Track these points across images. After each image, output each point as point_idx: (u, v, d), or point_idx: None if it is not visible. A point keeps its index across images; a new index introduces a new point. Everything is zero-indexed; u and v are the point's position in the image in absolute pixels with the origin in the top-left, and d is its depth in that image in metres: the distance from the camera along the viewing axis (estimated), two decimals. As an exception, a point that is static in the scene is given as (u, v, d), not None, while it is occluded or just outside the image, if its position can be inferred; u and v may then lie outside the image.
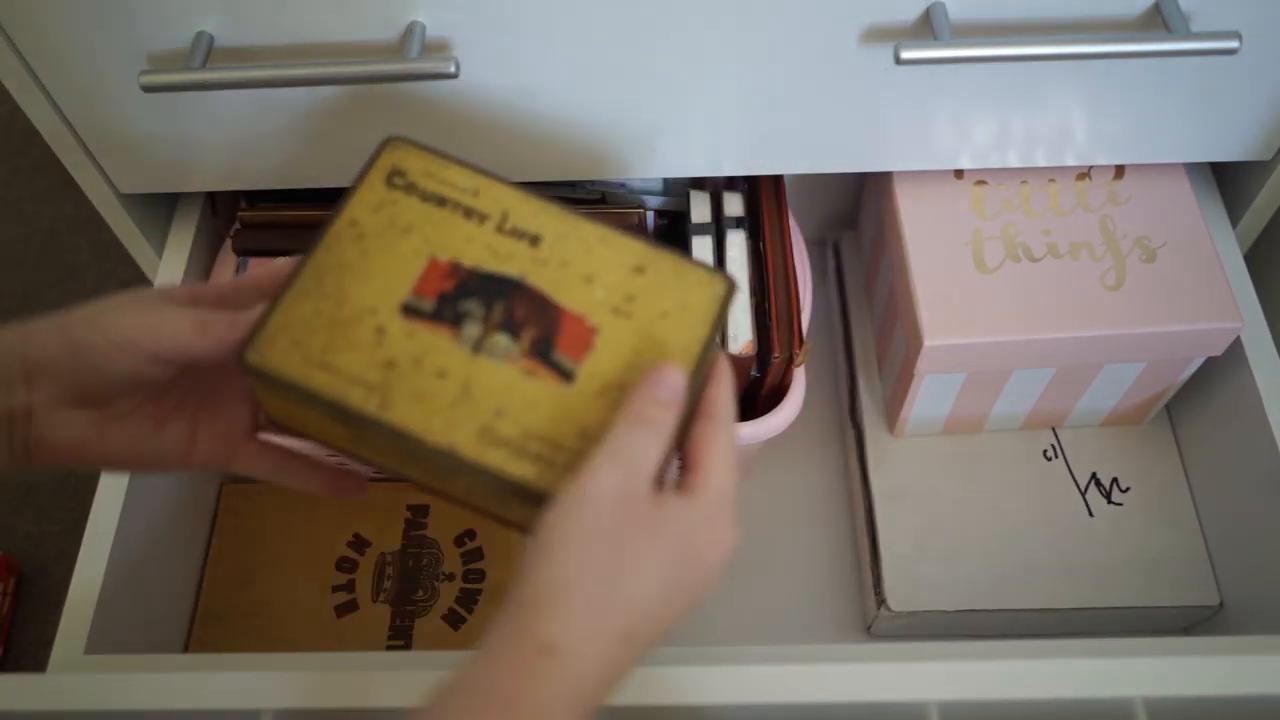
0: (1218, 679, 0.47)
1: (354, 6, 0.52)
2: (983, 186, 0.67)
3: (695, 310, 0.42)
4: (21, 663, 0.87)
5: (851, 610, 0.75)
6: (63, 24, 0.53)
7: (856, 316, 0.80)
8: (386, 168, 0.44)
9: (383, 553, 0.74)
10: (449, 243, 0.42)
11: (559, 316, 0.41)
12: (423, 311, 0.41)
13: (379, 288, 0.41)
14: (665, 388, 0.40)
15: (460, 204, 0.43)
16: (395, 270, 0.42)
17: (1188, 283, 0.63)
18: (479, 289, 0.42)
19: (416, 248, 0.42)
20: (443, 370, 0.40)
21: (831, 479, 0.80)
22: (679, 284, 0.43)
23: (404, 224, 0.43)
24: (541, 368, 0.40)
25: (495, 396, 0.40)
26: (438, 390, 0.40)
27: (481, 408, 0.40)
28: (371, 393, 0.39)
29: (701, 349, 0.42)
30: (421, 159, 0.44)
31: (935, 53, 0.51)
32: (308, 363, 0.40)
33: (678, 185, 0.73)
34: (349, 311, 0.41)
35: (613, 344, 0.41)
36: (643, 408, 0.39)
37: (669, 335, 0.42)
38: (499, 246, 0.42)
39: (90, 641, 0.57)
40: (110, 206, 0.65)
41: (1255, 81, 0.58)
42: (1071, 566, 0.69)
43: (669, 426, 0.39)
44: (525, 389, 0.40)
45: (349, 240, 0.42)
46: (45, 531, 0.93)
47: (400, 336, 0.40)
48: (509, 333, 0.41)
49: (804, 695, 0.47)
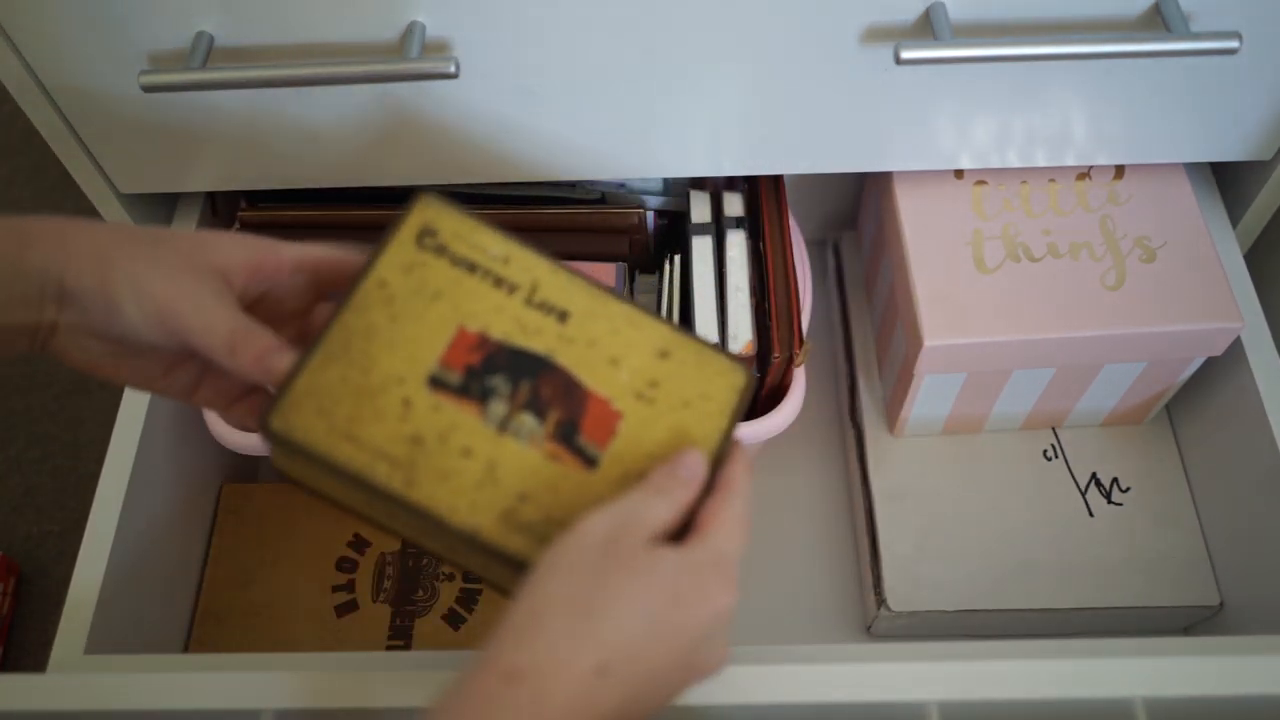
0: (1218, 679, 0.47)
1: (354, 6, 0.52)
2: (983, 186, 0.67)
3: (716, 401, 0.43)
4: (21, 663, 0.87)
5: (851, 610, 0.75)
6: (63, 24, 0.53)
7: (856, 316, 0.80)
8: (417, 226, 0.43)
9: (383, 553, 0.73)
10: (478, 312, 0.42)
11: (585, 399, 0.41)
12: (450, 385, 0.40)
13: (406, 356, 0.40)
14: (685, 467, 0.41)
15: (491, 271, 0.43)
16: (423, 338, 0.41)
17: (1188, 283, 0.63)
18: (506, 365, 0.41)
19: (445, 315, 0.41)
20: (468, 449, 0.40)
21: (831, 479, 0.80)
22: (701, 373, 0.43)
23: (433, 289, 0.42)
24: (566, 452, 0.40)
25: (520, 480, 0.40)
26: (463, 470, 0.39)
27: (506, 491, 0.39)
28: (396, 469, 0.39)
29: (720, 440, 0.42)
30: (453, 220, 0.43)
31: (935, 53, 0.51)
32: (332, 433, 0.39)
33: (678, 185, 0.73)
34: (376, 380, 0.40)
35: (635, 431, 0.41)
36: (659, 479, 0.40)
37: (690, 425, 0.42)
38: (528, 320, 0.42)
39: (90, 641, 0.57)
40: (110, 206, 0.65)
41: (1255, 81, 0.58)
42: (1071, 566, 0.69)
43: (681, 502, 0.40)
44: (549, 473, 0.40)
45: (377, 303, 0.41)
46: (45, 531, 0.93)
47: (426, 410, 0.40)
48: (535, 413, 0.41)
49: (804, 695, 0.47)
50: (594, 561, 0.37)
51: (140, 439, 0.64)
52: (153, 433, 0.66)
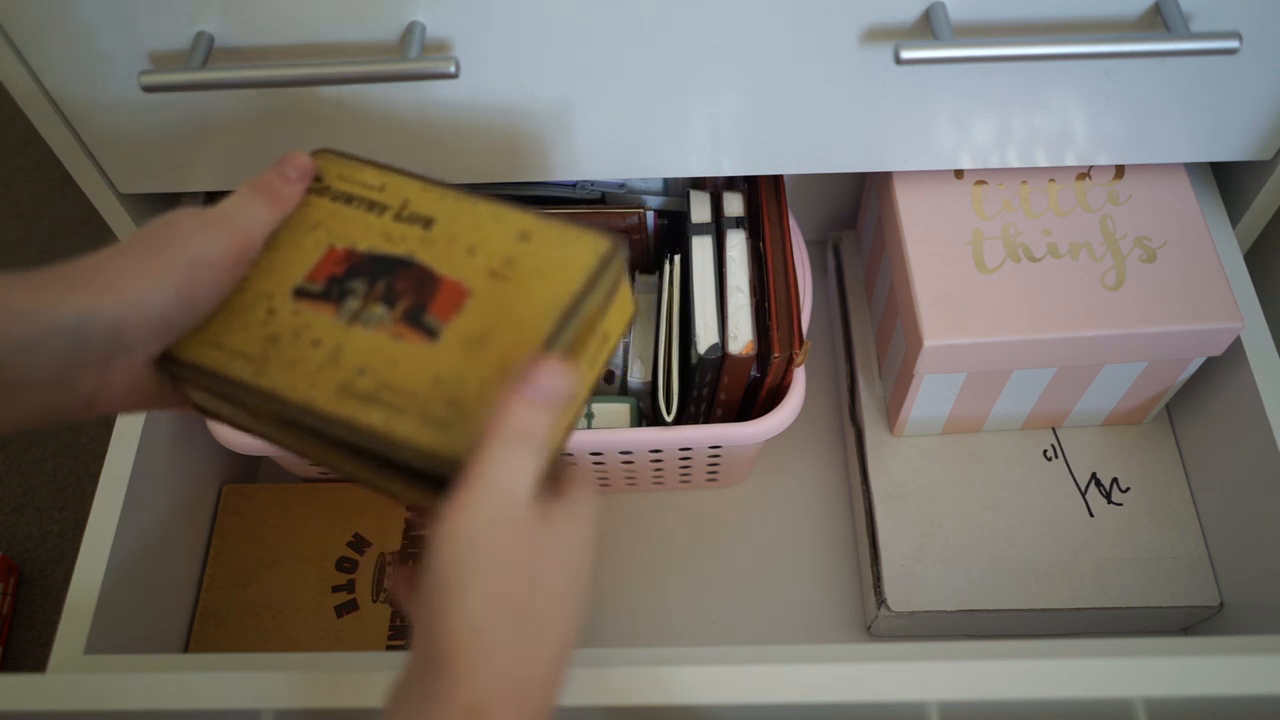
0: (1218, 679, 0.47)
1: (354, 6, 0.52)
2: (983, 186, 0.67)
3: (572, 266, 0.43)
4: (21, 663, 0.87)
5: (851, 610, 0.75)
6: (63, 24, 0.53)
7: (856, 316, 0.80)
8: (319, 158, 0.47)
9: (383, 553, 0.74)
10: (348, 233, 0.45)
11: (438, 285, 0.43)
12: (312, 293, 0.43)
13: (278, 277, 0.44)
14: (536, 389, 0.38)
15: (365, 199, 0.46)
16: (296, 261, 0.44)
17: (1188, 283, 0.63)
18: (366, 270, 0.44)
19: (319, 240, 0.45)
20: (317, 340, 0.42)
21: (831, 479, 0.80)
22: (560, 246, 0.44)
23: (311, 221, 0.45)
24: (410, 330, 0.42)
25: (360, 357, 0.41)
26: (309, 356, 0.42)
27: (345, 368, 0.41)
28: (249, 363, 0.42)
29: (572, 300, 0.42)
30: (339, 164, 0.47)
31: (935, 53, 0.51)
32: (203, 344, 0.42)
33: (678, 185, 0.73)
34: (248, 299, 0.43)
35: (483, 304, 0.42)
36: (512, 418, 0.37)
37: (542, 291, 0.42)
38: (393, 232, 0.45)
39: (90, 641, 0.57)
40: (110, 206, 0.65)
41: (1255, 81, 0.58)
42: (1071, 566, 0.69)
43: (542, 431, 0.37)
44: (390, 349, 0.42)
45: (263, 243, 0.45)
46: (45, 531, 0.93)
47: (287, 315, 0.43)
48: (386, 303, 0.43)
49: (804, 695, 0.47)
50: (511, 559, 0.36)
51: (140, 439, 0.64)
52: (153, 433, 0.66)
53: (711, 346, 0.63)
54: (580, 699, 0.48)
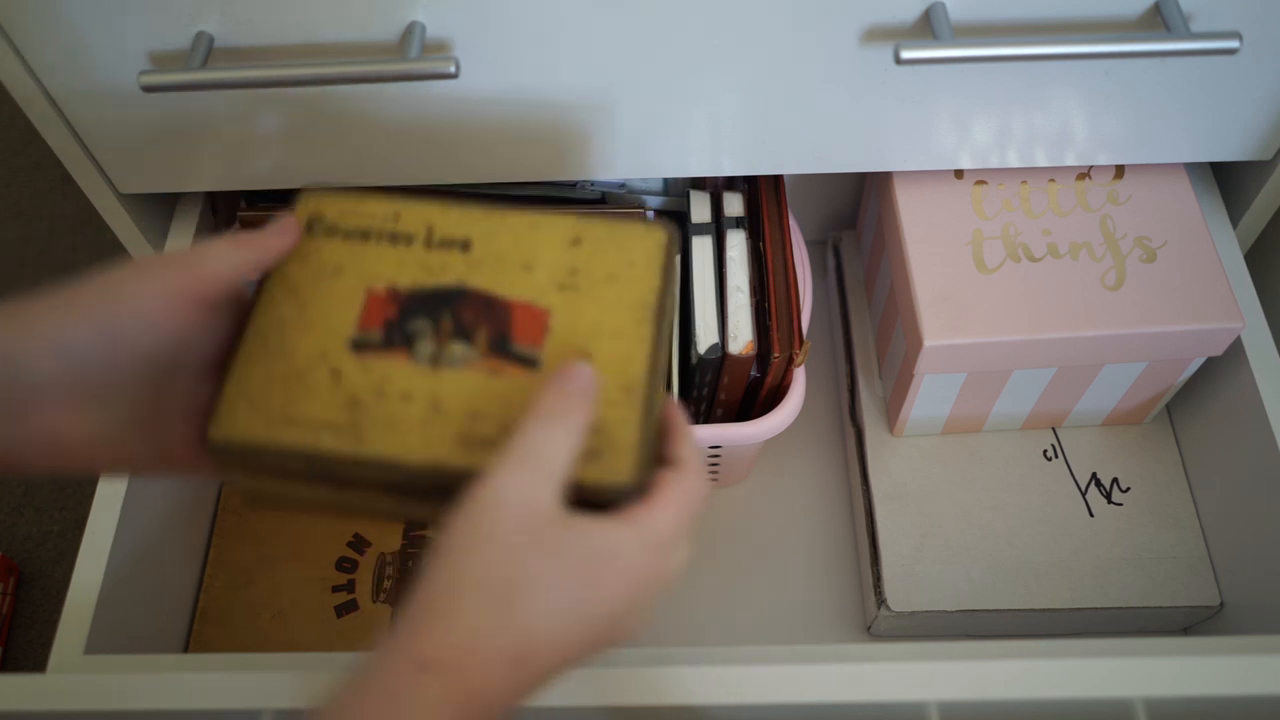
0: (1218, 679, 0.47)
1: (354, 6, 0.52)
2: (983, 186, 0.67)
3: (641, 265, 0.42)
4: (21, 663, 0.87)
5: (851, 610, 0.75)
6: (63, 24, 0.53)
7: (856, 316, 0.80)
8: (304, 219, 0.43)
9: (383, 553, 0.74)
10: (382, 272, 0.42)
11: (509, 310, 0.41)
12: (372, 343, 0.40)
13: (323, 332, 0.41)
14: (574, 379, 0.38)
15: (384, 232, 0.43)
16: (335, 313, 0.41)
17: (1188, 283, 0.63)
18: (422, 307, 0.41)
19: (351, 285, 0.42)
20: (407, 393, 0.39)
21: (831, 479, 0.80)
22: (618, 245, 0.43)
23: (333, 266, 0.42)
24: (504, 364, 0.40)
25: (466, 402, 0.39)
26: (406, 413, 0.39)
27: (455, 417, 0.39)
28: (341, 434, 0.38)
29: (658, 299, 0.41)
30: (336, 201, 0.44)
31: (935, 53, 0.51)
32: (271, 423, 0.38)
33: (678, 185, 0.73)
34: (300, 363, 0.40)
35: (569, 321, 0.41)
36: (552, 401, 0.37)
37: (624, 294, 0.41)
38: (431, 262, 0.42)
39: (90, 641, 0.57)
40: (110, 206, 0.65)
41: (1255, 81, 0.58)
42: (1071, 566, 0.69)
43: (580, 421, 0.37)
44: (494, 388, 0.40)
45: (283, 297, 0.42)
46: (45, 531, 0.93)
47: (356, 374, 0.40)
48: (463, 339, 0.40)
49: (804, 695, 0.47)
50: (509, 539, 0.35)
51: (140, 439, 0.64)
52: (153, 433, 0.66)
53: (711, 346, 0.63)
54: (580, 699, 0.48)
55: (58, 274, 1.13)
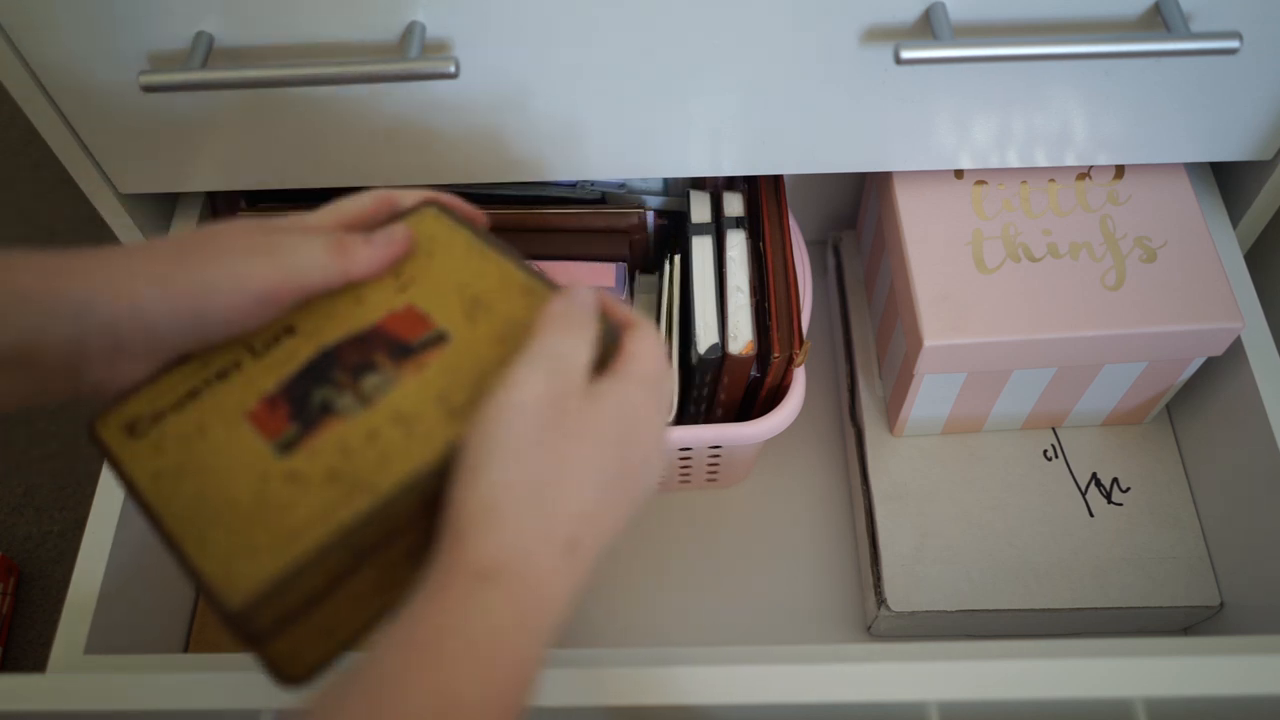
0: (1218, 679, 0.47)
1: (354, 6, 0.52)
2: (983, 186, 0.67)
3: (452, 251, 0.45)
4: (21, 663, 0.87)
5: (851, 610, 0.75)
6: (63, 24, 0.53)
7: (856, 316, 0.80)
8: (118, 435, 0.41)
9: (383, 553, 0.73)
10: (240, 399, 0.41)
11: (379, 329, 0.42)
12: (293, 439, 0.39)
13: (243, 469, 0.39)
14: (575, 293, 0.40)
15: (207, 377, 0.41)
16: (236, 452, 0.39)
17: (1188, 283, 0.63)
18: (305, 385, 0.41)
19: (225, 427, 0.40)
20: (369, 433, 0.39)
21: (831, 479, 0.80)
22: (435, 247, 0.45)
23: (191, 429, 0.40)
24: (419, 358, 0.41)
25: (421, 399, 0.40)
26: (386, 442, 0.39)
27: (426, 411, 0.39)
28: (348, 496, 0.37)
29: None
30: (136, 404, 0.41)
31: (935, 53, 0.51)
32: (276, 553, 0.36)
33: (677, 185, 0.73)
34: (249, 500, 0.38)
35: (431, 294, 0.43)
36: (565, 310, 0.39)
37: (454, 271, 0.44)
38: (273, 359, 0.42)
39: (90, 641, 0.57)
40: (110, 206, 0.65)
41: (1255, 81, 0.58)
42: (1071, 566, 0.69)
43: (586, 324, 0.39)
44: (433, 375, 0.40)
45: (171, 489, 0.39)
46: (45, 532, 0.93)
47: (310, 460, 0.39)
48: (367, 371, 0.41)
49: (804, 695, 0.47)
50: (538, 433, 0.35)
51: (140, 439, 0.64)
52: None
53: (711, 346, 0.63)
54: (580, 699, 0.48)
55: (58, 274, 1.11)
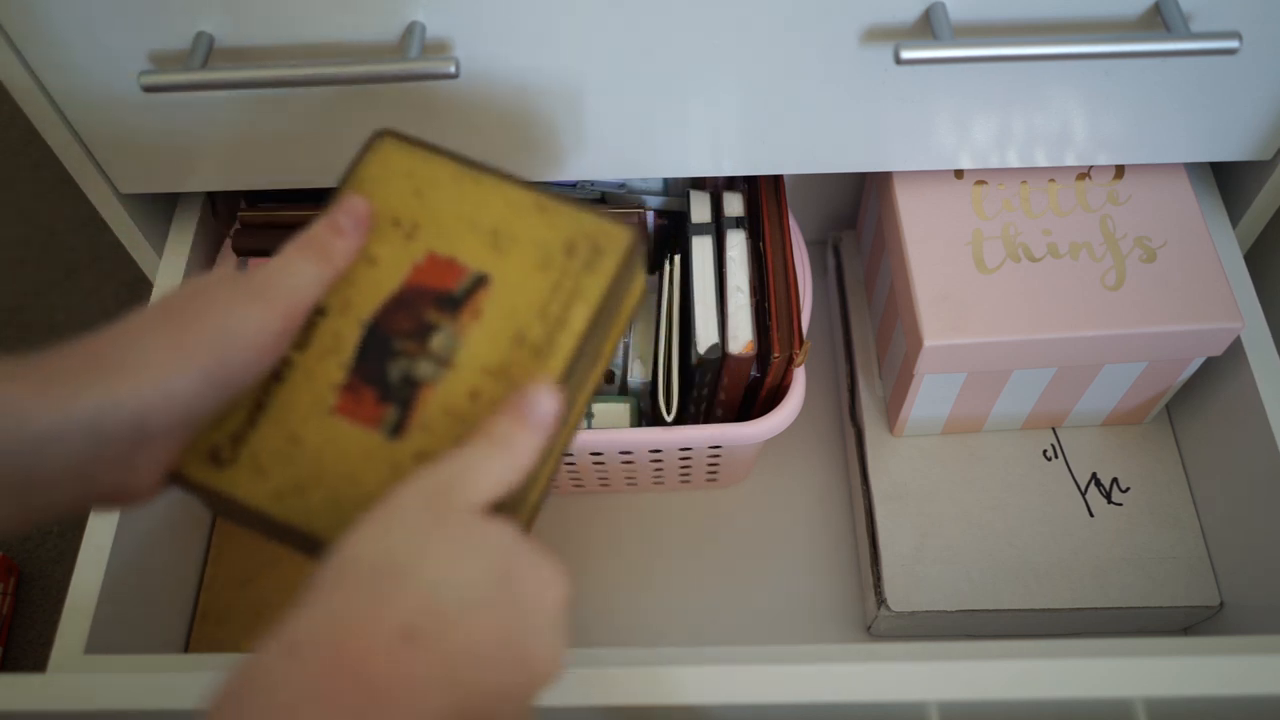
0: (1218, 679, 0.47)
1: (354, 6, 0.52)
2: (983, 186, 0.67)
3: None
4: (21, 663, 0.87)
5: (851, 610, 0.75)
6: (63, 24, 0.53)
7: (856, 316, 0.80)
8: (205, 468, 0.40)
9: (383, 553, 0.73)
10: (318, 397, 0.40)
11: (413, 287, 0.41)
12: (398, 420, 0.39)
13: (368, 463, 0.39)
14: (530, 408, 0.37)
15: (264, 385, 0.41)
16: (347, 451, 0.39)
17: (1188, 283, 0.63)
18: (377, 361, 0.40)
19: (321, 427, 0.40)
20: (470, 391, 0.39)
21: (831, 479, 0.80)
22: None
23: (283, 443, 0.40)
24: (472, 304, 0.41)
25: (502, 343, 0.40)
26: (492, 394, 0.39)
27: (513, 354, 0.39)
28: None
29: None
30: (205, 436, 0.40)
31: (935, 53, 0.51)
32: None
33: (677, 185, 0.73)
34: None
35: (446, 236, 0.42)
36: (497, 425, 0.36)
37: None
38: (321, 346, 0.41)
39: (90, 641, 0.57)
40: (110, 206, 0.65)
41: (1255, 81, 0.58)
42: (1071, 566, 0.69)
43: (528, 450, 0.36)
44: (497, 320, 0.40)
45: (302, 504, 0.39)
46: (45, 531, 0.93)
47: (425, 435, 0.39)
48: (429, 333, 0.40)
49: (804, 695, 0.47)
50: (410, 521, 0.33)
51: (140, 439, 0.64)
52: (153, 433, 0.66)
53: (711, 346, 0.63)
54: (580, 699, 0.48)
55: (58, 274, 1.13)
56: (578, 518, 0.79)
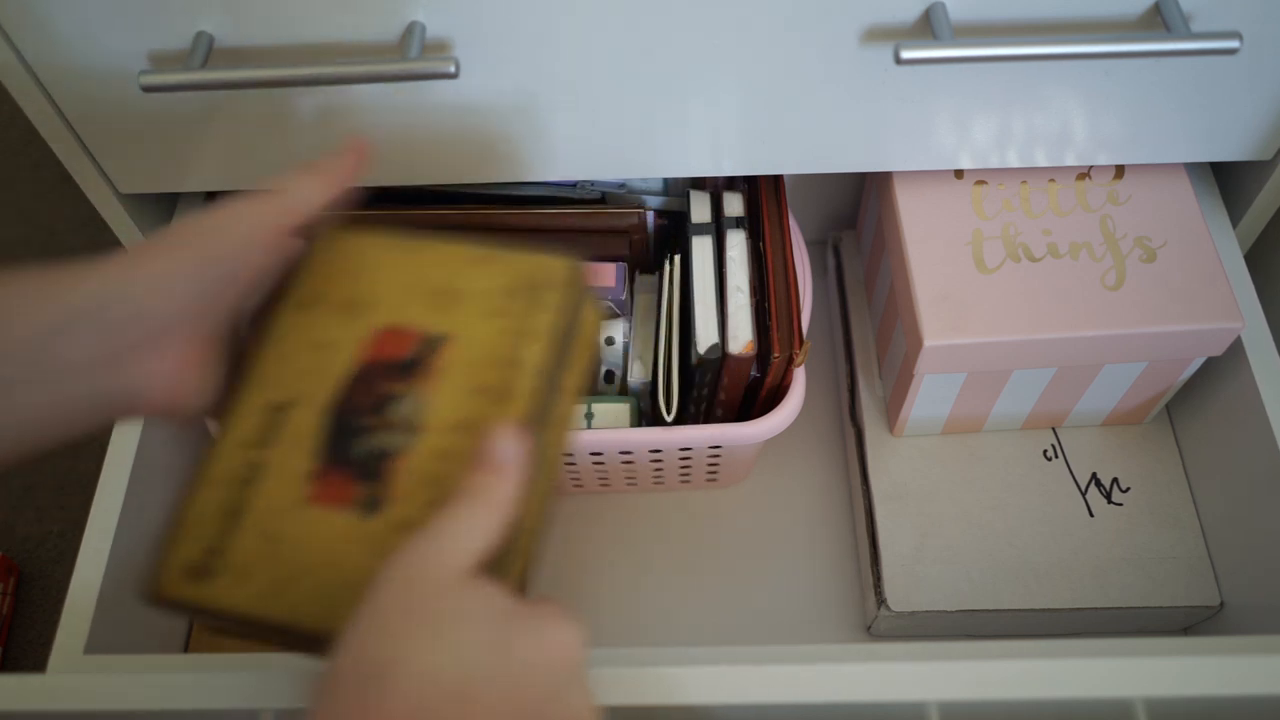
0: (1218, 679, 0.47)
1: (354, 6, 0.52)
2: (983, 186, 0.67)
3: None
4: (21, 663, 0.87)
5: (851, 610, 0.75)
6: (63, 24, 0.53)
7: (856, 316, 0.80)
8: (188, 585, 0.39)
9: (383, 553, 0.73)
10: (290, 491, 0.40)
11: (368, 363, 0.41)
12: (374, 495, 0.39)
13: (348, 544, 0.38)
14: (497, 455, 0.36)
15: (233, 494, 0.40)
16: (327, 538, 0.38)
17: (1188, 283, 0.63)
18: (343, 444, 0.40)
19: (298, 520, 0.39)
20: (440, 452, 0.39)
21: (831, 479, 0.80)
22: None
23: (262, 544, 0.39)
24: (429, 364, 0.41)
25: (464, 396, 0.40)
26: (462, 448, 0.39)
27: (474, 404, 0.40)
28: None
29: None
30: (181, 552, 0.40)
31: (935, 53, 0.51)
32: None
33: (677, 185, 0.73)
34: (375, 568, 0.37)
35: (393, 308, 0.42)
36: (467, 482, 0.36)
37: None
38: (286, 440, 0.40)
39: (90, 641, 0.57)
40: (110, 206, 0.65)
41: (1255, 81, 0.58)
42: (1071, 566, 0.69)
43: (503, 499, 0.35)
44: (457, 374, 0.40)
45: (289, 599, 0.38)
46: (45, 531, 0.93)
47: (404, 504, 0.39)
48: (390, 402, 0.40)
49: (804, 695, 0.47)
50: (391, 612, 0.32)
51: (140, 439, 0.64)
52: (152, 432, 0.66)
53: (711, 346, 0.63)
54: (580, 699, 0.48)
55: (58, 274, 1.11)
56: (578, 518, 0.79)
